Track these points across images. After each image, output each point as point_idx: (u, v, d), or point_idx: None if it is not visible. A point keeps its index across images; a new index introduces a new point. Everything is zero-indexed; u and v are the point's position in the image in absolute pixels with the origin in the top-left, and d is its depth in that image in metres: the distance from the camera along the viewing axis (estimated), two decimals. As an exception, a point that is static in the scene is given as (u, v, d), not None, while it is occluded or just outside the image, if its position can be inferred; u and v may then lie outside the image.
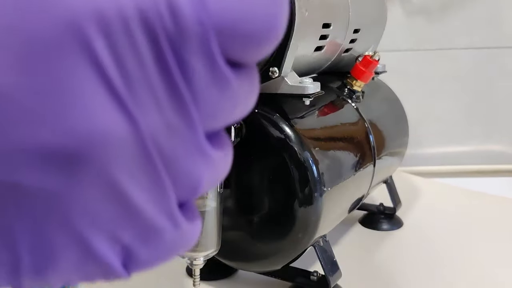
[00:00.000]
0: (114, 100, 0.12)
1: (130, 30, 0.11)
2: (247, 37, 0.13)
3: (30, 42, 0.11)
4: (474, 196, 0.71)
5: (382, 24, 0.58)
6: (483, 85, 0.83)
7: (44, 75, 0.11)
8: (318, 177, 0.39)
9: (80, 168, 0.12)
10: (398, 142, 0.59)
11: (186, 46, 0.12)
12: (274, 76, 0.39)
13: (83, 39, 0.11)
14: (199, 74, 0.13)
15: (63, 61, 0.11)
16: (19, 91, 0.11)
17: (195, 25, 0.12)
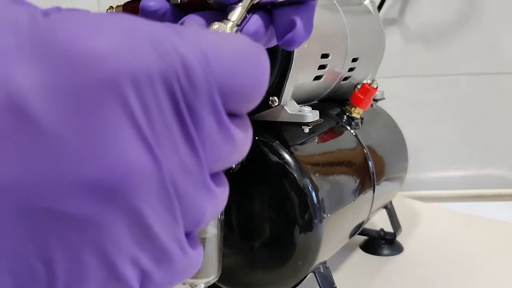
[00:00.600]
0: (142, 143, 0.14)
1: (155, 88, 0.14)
2: (241, 92, 0.16)
3: (81, 95, 0.13)
4: (474, 221, 0.71)
5: (381, 52, 0.59)
6: (482, 110, 0.84)
7: (89, 121, 0.13)
8: (317, 204, 0.40)
9: (113, 199, 0.14)
10: (397, 167, 0.60)
11: (197, 99, 0.15)
12: (274, 105, 0.40)
13: (120, 95, 0.14)
14: (206, 122, 0.15)
15: (105, 111, 0.13)
16: (70, 133, 0.13)
17: (203, 83, 0.15)
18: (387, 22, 0.82)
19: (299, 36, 0.24)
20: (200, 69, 0.15)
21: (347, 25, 0.48)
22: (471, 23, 0.81)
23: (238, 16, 0.24)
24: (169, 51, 0.14)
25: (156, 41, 0.14)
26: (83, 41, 0.13)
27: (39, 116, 0.13)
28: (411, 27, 0.82)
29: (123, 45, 0.14)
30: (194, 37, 0.15)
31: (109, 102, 0.13)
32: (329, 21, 0.46)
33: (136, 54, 0.14)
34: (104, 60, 0.13)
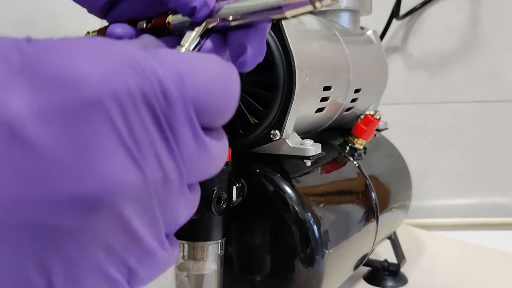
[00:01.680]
0: (129, 157, 0.15)
1: (136, 105, 0.15)
2: (214, 108, 0.18)
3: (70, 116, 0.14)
4: (480, 251, 0.70)
5: (383, 82, 0.59)
6: (486, 138, 0.84)
7: (79, 140, 0.14)
8: (319, 238, 0.39)
9: (104, 210, 0.15)
10: (401, 197, 0.59)
11: (173, 115, 0.16)
12: (275, 138, 0.39)
13: (106, 113, 0.15)
14: (184, 136, 0.17)
15: (93, 129, 0.15)
16: (62, 152, 0.14)
17: (179, 100, 0.16)
18: (390, 49, 0.82)
19: (250, 60, 0.26)
20: (175, 88, 0.16)
21: (349, 56, 0.48)
22: (474, 50, 0.81)
23: (190, 41, 0.25)
24: (147, 71, 0.16)
25: (134, 62, 0.16)
26: (68, 65, 0.14)
27: (33, 137, 0.14)
28: (414, 54, 0.82)
29: (105, 66, 0.15)
30: (169, 58, 0.17)
31: (97, 121, 0.15)
32: (331, 52, 0.45)
33: (118, 74, 0.15)
34: (89, 81, 0.14)
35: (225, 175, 0.36)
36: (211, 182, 0.36)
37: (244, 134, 0.40)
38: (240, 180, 0.40)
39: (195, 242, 0.36)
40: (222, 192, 0.36)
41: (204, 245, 0.36)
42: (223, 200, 0.36)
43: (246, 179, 0.40)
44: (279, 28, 0.38)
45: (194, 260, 0.37)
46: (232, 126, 0.41)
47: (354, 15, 0.53)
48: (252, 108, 0.40)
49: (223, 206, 0.36)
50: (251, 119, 0.40)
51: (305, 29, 0.43)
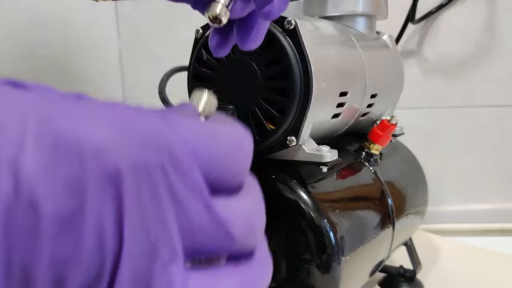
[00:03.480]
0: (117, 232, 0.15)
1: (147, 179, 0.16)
2: (226, 178, 0.17)
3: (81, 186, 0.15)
4: (496, 257, 0.69)
5: (399, 87, 0.58)
6: (503, 143, 0.83)
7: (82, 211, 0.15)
8: (335, 244, 0.39)
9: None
10: (417, 202, 0.59)
11: (185, 188, 0.16)
12: (291, 145, 0.39)
13: (116, 188, 0.15)
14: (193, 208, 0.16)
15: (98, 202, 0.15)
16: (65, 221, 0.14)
17: (191, 175, 0.16)
18: (406, 54, 0.82)
19: (276, 9, 0.26)
20: (187, 162, 0.16)
21: (365, 62, 0.47)
22: (490, 54, 0.80)
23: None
24: (160, 146, 0.16)
25: (149, 137, 0.16)
26: (86, 135, 0.15)
27: (42, 202, 0.14)
28: (430, 58, 0.82)
29: (120, 140, 0.15)
30: (187, 132, 0.17)
31: (106, 194, 0.15)
32: (347, 58, 0.45)
33: (131, 149, 0.15)
34: (102, 155, 0.15)
35: (241, 181, 0.36)
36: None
37: (261, 140, 0.40)
38: (256, 186, 0.40)
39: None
40: (238, 199, 0.36)
41: (220, 251, 0.36)
42: (240, 207, 0.36)
43: (262, 185, 0.39)
44: (296, 35, 0.38)
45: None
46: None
47: (370, 20, 0.53)
48: (268, 114, 0.40)
49: (239, 212, 0.36)
50: (267, 126, 0.40)
51: (321, 34, 0.43)
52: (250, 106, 0.40)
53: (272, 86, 0.40)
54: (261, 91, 0.40)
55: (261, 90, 0.40)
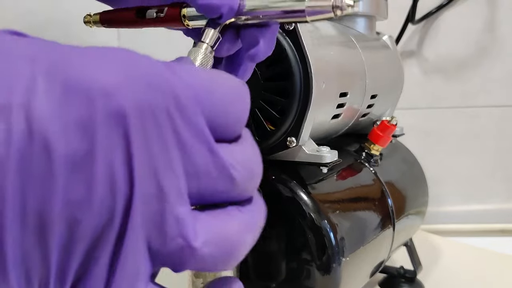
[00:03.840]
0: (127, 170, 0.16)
1: (154, 119, 0.16)
2: (227, 124, 0.18)
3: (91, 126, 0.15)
4: (496, 257, 0.69)
5: (399, 87, 0.58)
6: (503, 143, 0.83)
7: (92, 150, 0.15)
8: (336, 245, 0.39)
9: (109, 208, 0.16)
10: (418, 203, 0.59)
11: (188, 130, 0.17)
12: (291, 145, 0.39)
13: (124, 127, 0.15)
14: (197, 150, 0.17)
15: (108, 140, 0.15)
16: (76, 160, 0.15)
17: (194, 118, 0.17)
18: (406, 54, 0.82)
19: (261, 53, 0.27)
20: (191, 107, 0.17)
21: (365, 62, 0.47)
22: (490, 55, 0.80)
23: (210, 37, 0.26)
24: (165, 90, 0.16)
25: (154, 81, 0.16)
26: (95, 77, 0.15)
27: (54, 144, 0.14)
28: (430, 59, 0.82)
29: (127, 83, 0.15)
30: (189, 77, 0.17)
31: (114, 135, 0.15)
32: (347, 59, 0.45)
33: (137, 92, 0.16)
34: (111, 96, 0.15)
35: (241, 182, 0.36)
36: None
37: (260, 141, 0.40)
38: (256, 187, 0.40)
39: (212, 249, 0.36)
40: (238, 199, 0.36)
41: (220, 252, 0.36)
42: (240, 207, 0.36)
43: (262, 186, 0.40)
44: (296, 36, 0.38)
45: (211, 267, 0.37)
46: (248, 133, 0.41)
47: (370, 21, 0.53)
48: (268, 115, 0.40)
49: (239, 213, 0.36)
50: (267, 126, 0.40)
51: (321, 35, 0.43)
52: (250, 106, 0.40)
53: (272, 87, 0.40)
54: (261, 92, 0.40)
55: (261, 91, 0.40)
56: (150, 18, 0.29)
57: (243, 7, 0.26)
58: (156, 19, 0.29)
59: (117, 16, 0.31)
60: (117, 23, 0.32)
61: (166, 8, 0.29)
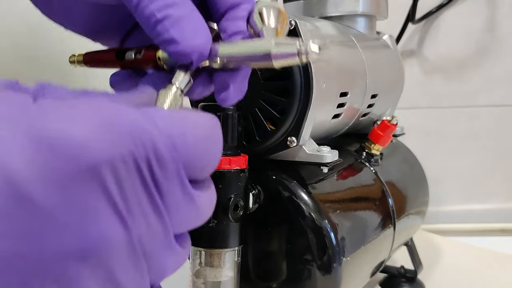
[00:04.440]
0: (116, 217, 0.17)
1: (129, 172, 0.17)
2: (201, 165, 0.20)
3: (68, 180, 0.16)
4: (497, 257, 0.69)
5: (400, 87, 0.58)
6: (503, 143, 0.83)
7: (73, 200, 0.16)
8: (336, 245, 0.39)
9: (92, 262, 0.17)
10: (418, 203, 0.59)
11: (165, 176, 0.18)
12: (292, 145, 0.39)
13: (100, 180, 0.16)
14: (173, 193, 0.19)
15: (86, 192, 0.16)
16: (60, 213, 0.16)
17: (171, 163, 0.18)
18: (406, 53, 0.82)
19: (231, 97, 0.28)
20: (168, 153, 0.18)
21: (365, 62, 0.47)
22: (491, 54, 0.80)
23: (181, 81, 0.27)
24: (144, 140, 0.17)
25: (132, 131, 0.17)
26: (69, 133, 0.16)
27: (35, 198, 0.15)
28: (430, 58, 0.82)
29: (103, 136, 0.16)
30: (163, 122, 0.18)
31: (92, 187, 0.16)
32: (347, 58, 0.45)
33: (115, 144, 0.17)
34: (87, 151, 0.16)
35: (241, 182, 0.36)
36: (228, 189, 0.36)
37: (261, 141, 0.40)
38: (257, 187, 0.40)
39: (212, 249, 0.36)
40: (239, 200, 0.36)
41: (221, 252, 0.36)
42: (240, 207, 0.36)
43: (263, 186, 0.40)
44: (297, 35, 0.38)
45: (211, 267, 0.37)
46: (249, 132, 0.41)
47: (370, 20, 0.53)
48: (268, 115, 0.40)
49: (240, 213, 0.36)
50: (267, 126, 0.40)
51: (322, 35, 0.43)
52: (251, 106, 0.40)
53: (273, 86, 0.39)
54: (261, 91, 0.40)
55: (261, 90, 0.40)
56: (129, 60, 0.30)
57: (216, 51, 0.27)
58: (134, 60, 0.30)
59: (99, 57, 0.33)
60: (99, 63, 0.33)
61: (143, 50, 0.30)
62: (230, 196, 0.35)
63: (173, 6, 0.25)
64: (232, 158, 0.36)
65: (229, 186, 0.36)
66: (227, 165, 0.35)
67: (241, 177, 0.36)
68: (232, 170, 0.36)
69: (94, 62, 0.33)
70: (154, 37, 0.26)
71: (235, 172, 0.36)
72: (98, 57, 0.33)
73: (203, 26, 0.26)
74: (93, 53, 0.33)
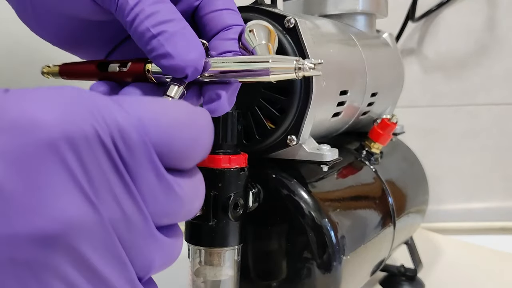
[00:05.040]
0: (81, 195, 0.16)
1: (92, 149, 0.17)
2: (179, 151, 0.19)
3: (25, 158, 0.16)
4: (497, 255, 0.69)
5: (400, 85, 0.58)
6: (503, 141, 0.83)
7: (33, 179, 0.16)
8: (336, 244, 0.39)
9: (57, 244, 0.16)
10: (418, 201, 0.58)
11: (134, 159, 0.18)
12: (292, 144, 0.39)
13: (58, 155, 0.16)
14: (146, 179, 0.18)
15: (46, 169, 0.16)
16: (19, 192, 0.15)
17: (140, 145, 0.18)
18: (406, 52, 0.82)
19: (222, 106, 0.28)
20: (135, 134, 0.18)
21: (365, 60, 0.47)
22: (491, 53, 0.80)
23: (175, 93, 0.27)
24: (106, 117, 0.17)
25: (95, 110, 0.17)
26: (27, 112, 0.16)
27: None
28: (430, 57, 0.82)
29: (63, 114, 0.16)
30: (133, 105, 0.18)
31: (50, 162, 0.16)
32: (347, 57, 0.45)
33: (74, 121, 0.16)
34: (44, 127, 0.16)
35: (241, 180, 0.36)
36: (228, 188, 0.36)
37: (261, 140, 0.40)
38: (257, 185, 0.40)
39: (212, 248, 0.36)
40: (238, 198, 0.36)
41: (220, 251, 0.36)
42: (240, 206, 0.36)
43: (262, 185, 0.40)
44: (296, 33, 0.38)
45: (211, 266, 0.37)
46: (249, 131, 0.41)
47: (370, 18, 0.53)
48: (268, 113, 0.40)
49: (239, 212, 0.36)
50: (267, 125, 0.40)
51: (321, 33, 0.43)
52: (250, 105, 0.40)
53: (272, 85, 0.39)
54: (261, 90, 0.40)
55: (261, 89, 0.40)
56: (112, 72, 0.31)
57: (209, 66, 0.27)
58: (118, 72, 0.30)
59: (77, 68, 0.33)
60: (77, 75, 0.33)
61: (129, 63, 0.30)
62: (230, 194, 0.35)
63: (167, 22, 0.26)
64: (232, 157, 0.36)
65: (229, 184, 0.36)
66: (227, 164, 0.35)
67: (241, 175, 0.36)
68: (232, 168, 0.36)
69: (71, 74, 0.33)
70: (148, 52, 0.27)
71: (235, 170, 0.36)
72: (77, 68, 0.33)
73: (196, 41, 0.27)
74: (71, 65, 0.33)
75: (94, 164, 0.17)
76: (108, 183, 0.17)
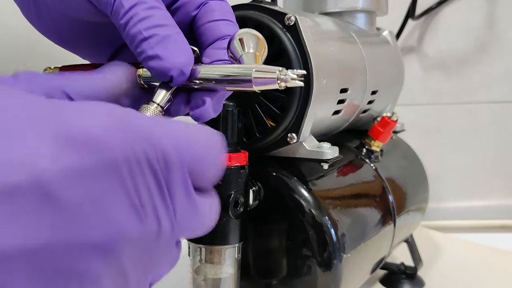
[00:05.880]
0: (133, 211, 0.18)
1: (142, 169, 0.18)
2: (205, 172, 0.21)
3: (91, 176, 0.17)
4: (496, 253, 0.69)
5: (400, 83, 0.58)
6: (503, 139, 0.83)
7: (96, 194, 0.17)
8: (337, 242, 0.39)
9: (109, 255, 0.17)
10: (418, 199, 0.58)
11: (172, 178, 0.19)
12: (292, 142, 0.39)
13: (119, 174, 0.18)
14: (178, 195, 0.20)
15: (108, 187, 0.17)
16: (83, 207, 0.17)
17: (177, 166, 0.20)
18: (406, 50, 0.82)
19: (207, 113, 0.29)
20: (176, 158, 0.19)
21: (365, 58, 0.47)
22: (490, 51, 0.80)
23: (161, 99, 0.28)
24: (155, 144, 0.19)
25: (145, 134, 0.19)
26: (92, 129, 0.17)
27: (60, 194, 0.16)
28: (430, 55, 0.82)
29: (123, 133, 0.18)
30: (172, 129, 0.20)
31: (112, 181, 0.17)
32: (347, 55, 0.45)
33: (130, 143, 0.18)
34: (108, 148, 0.17)
35: (242, 178, 0.36)
36: (228, 186, 0.35)
37: (261, 138, 0.40)
38: (257, 183, 0.40)
39: (212, 246, 0.36)
40: (239, 196, 0.36)
41: (221, 249, 0.36)
42: (240, 204, 0.36)
43: (263, 183, 0.40)
44: (296, 31, 0.37)
45: (211, 264, 0.37)
46: (249, 129, 0.41)
47: (370, 16, 0.53)
48: (269, 111, 0.40)
49: (240, 209, 0.36)
50: (267, 122, 0.40)
51: (322, 31, 0.43)
52: (251, 103, 0.40)
53: (272, 83, 0.39)
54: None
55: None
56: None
57: (198, 73, 0.27)
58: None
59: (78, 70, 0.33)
60: None
61: None
62: (230, 192, 0.35)
63: (160, 27, 0.27)
64: (232, 155, 0.36)
65: (229, 182, 0.35)
66: (227, 162, 0.35)
67: (241, 173, 0.36)
68: (232, 166, 0.36)
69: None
70: (138, 54, 0.27)
71: (235, 168, 0.36)
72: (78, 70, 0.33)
73: (186, 47, 0.27)
74: (69, 67, 0.34)
75: (144, 183, 0.18)
76: (152, 200, 0.19)
